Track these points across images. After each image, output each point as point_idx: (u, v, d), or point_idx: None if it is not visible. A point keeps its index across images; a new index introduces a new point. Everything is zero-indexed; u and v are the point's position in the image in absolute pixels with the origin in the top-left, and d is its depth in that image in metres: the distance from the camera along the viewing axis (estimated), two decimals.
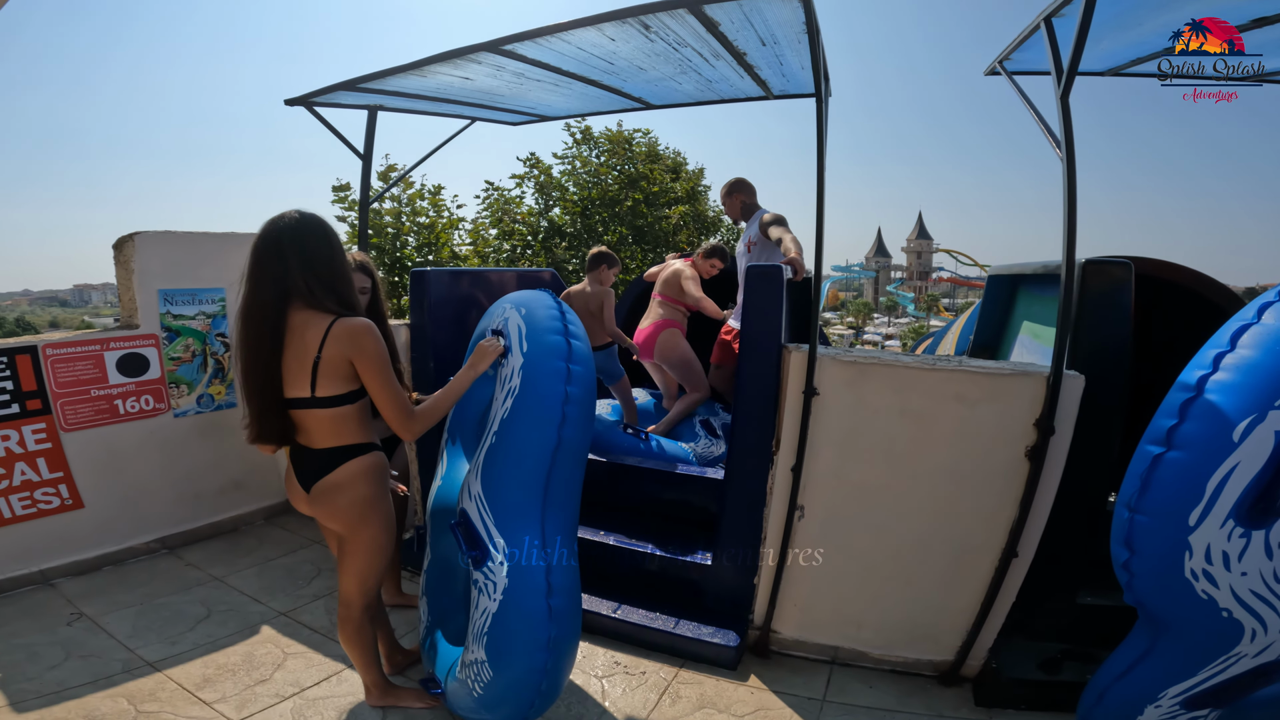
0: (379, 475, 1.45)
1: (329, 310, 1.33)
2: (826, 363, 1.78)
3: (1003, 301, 2.81)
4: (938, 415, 1.70)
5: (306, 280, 1.31)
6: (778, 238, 2.42)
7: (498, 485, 1.47)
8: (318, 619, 2.24)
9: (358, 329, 1.32)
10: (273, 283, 1.31)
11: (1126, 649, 1.42)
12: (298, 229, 1.33)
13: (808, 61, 2.24)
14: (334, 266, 1.35)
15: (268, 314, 1.31)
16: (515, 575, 1.42)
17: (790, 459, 1.86)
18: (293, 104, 2.59)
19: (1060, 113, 1.54)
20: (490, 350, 1.55)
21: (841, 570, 1.95)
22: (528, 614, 1.41)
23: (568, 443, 1.47)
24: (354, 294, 1.40)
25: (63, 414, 2.44)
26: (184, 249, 2.72)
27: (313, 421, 1.38)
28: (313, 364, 1.31)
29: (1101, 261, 1.67)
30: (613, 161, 8.32)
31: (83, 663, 1.90)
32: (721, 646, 2.01)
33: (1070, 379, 1.60)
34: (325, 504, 1.42)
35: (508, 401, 1.49)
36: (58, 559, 2.45)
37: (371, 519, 1.45)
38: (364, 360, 1.33)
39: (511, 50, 2.00)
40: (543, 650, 1.42)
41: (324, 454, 1.40)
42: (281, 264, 1.31)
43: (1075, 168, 1.51)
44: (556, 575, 1.46)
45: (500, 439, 1.49)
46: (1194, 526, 1.18)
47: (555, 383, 1.47)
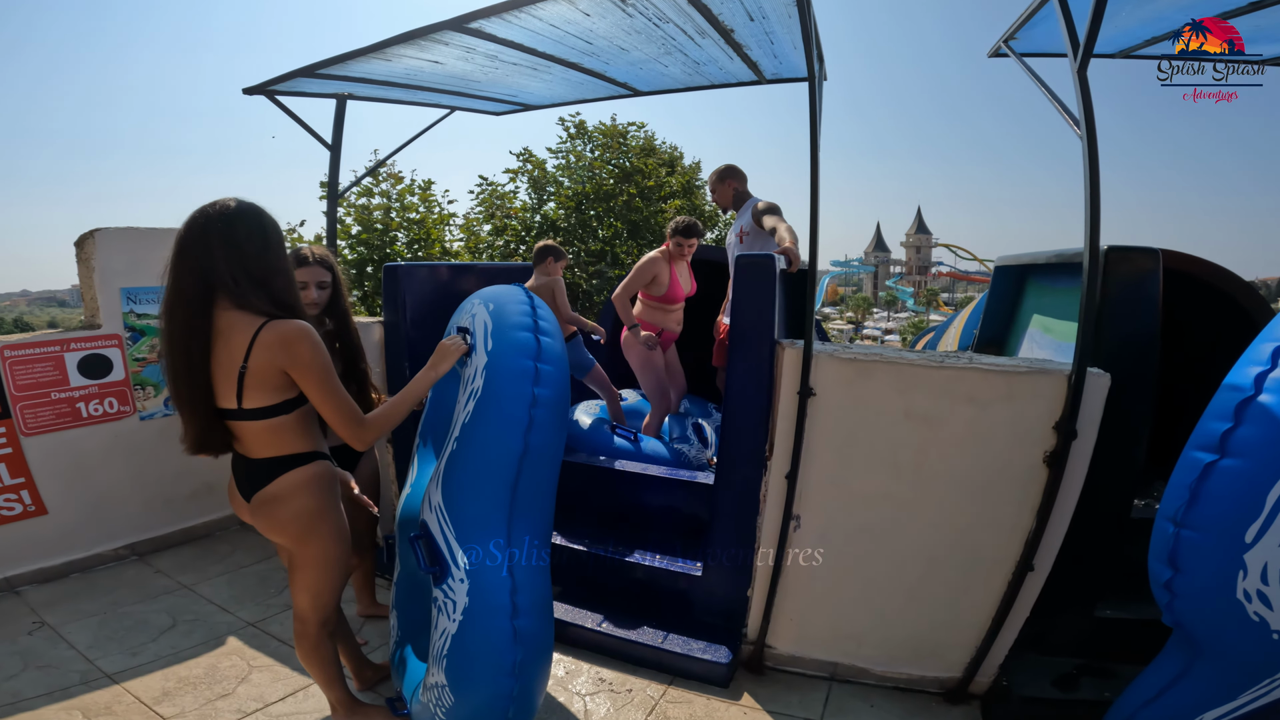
0: (323, 486, 1.33)
1: (258, 311, 1.19)
2: (824, 360, 1.64)
3: (1010, 294, 2.66)
4: (947, 417, 1.57)
5: (234, 274, 1.17)
6: (772, 227, 2.28)
7: (459, 496, 1.35)
8: (287, 630, 2.15)
9: (290, 334, 1.17)
10: (196, 276, 1.16)
11: (1157, 671, 1.30)
12: (227, 216, 1.19)
13: (799, 40, 2.10)
14: (267, 260, 1.21)
15: (192, 311, 1.16)
16: (477, 594, 1.31)
17: (785, 465, 1.72)
18: (251, 93, 2.44)
19: (1078, 89, 1.41)
20: (452, 350, 1.43)
21: (841, 583, 1.83)
22: (490, 636, 1.30)
23: (536, 449, 1.35)
24: (293, 293, 1.25)
25: (22, 418, 2.34)
26: (148, 245, 2.59)
27: (246, 432, 1.26)
28: (239, 374, 1.18)
29: (1126, 249, 1.52)
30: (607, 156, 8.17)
31: (40, 673, 1.85)
32: (712, 663, 1.89)
33: (1095, 377, 1.45)
34: (265, 516, 1.31)
35: (470, 404, 1.38)
36: (22, 566, 2.38)
37: (317, 532, 1.33)
38: (299, 369, 1.19)
39: (478, 29, 1.86)
40: (507, 676, 1.31)
41: (262, 464, 1.28)
42: (206, 255, 1.16)
43: (1097, 147, 1.37)
44: (523, 594, 1.34)
45: (462, 445, 1.37)
46: (1251, 543, 1.07)
47: (521, 384, 1.35)
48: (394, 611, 1.81)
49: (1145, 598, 1.75)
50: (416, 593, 1.78)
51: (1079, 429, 1.46)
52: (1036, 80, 1.78)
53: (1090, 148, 1.36)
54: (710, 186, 2.76)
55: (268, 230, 1.23)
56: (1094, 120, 1.37)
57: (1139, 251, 1.53)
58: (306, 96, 2.61)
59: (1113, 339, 1.52)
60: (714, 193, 2.75)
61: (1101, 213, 1.38)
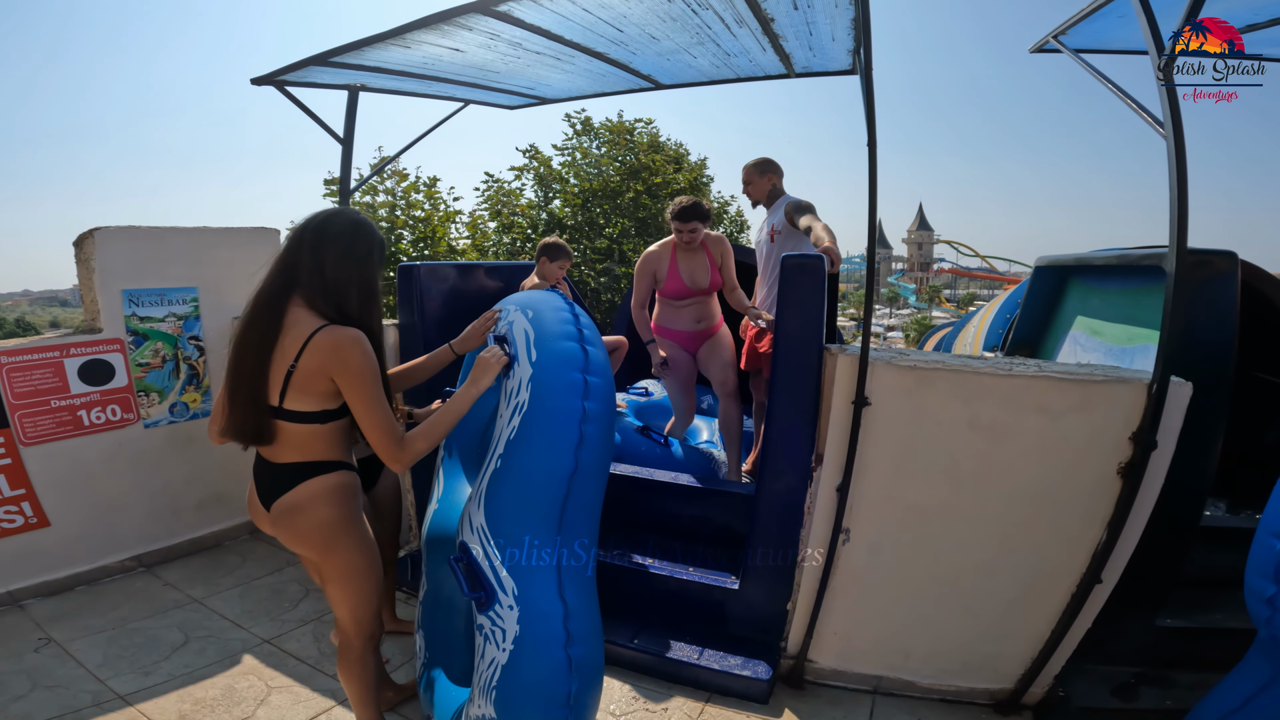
0: (345, 496, 1.28)
1: (321, 314, 1.19)
2: (880, 368, 1.55)
3: (1049, 295, 2.58)
4: (1014, 428, 1.49)
5: (310, 271, 1.19)
6: (807, 226, 2.17)
7: (505, 518, 1.27)
8: (305, 648, 2.06)
9: (342, 340, 1.16)
10: (281, 268, 1.21)
11: (1242, 679, 1.24)
12: (326, 217, 1.23)
13: (840, 30, 2.00)
14: (348, 267, 1.21)
15: (271, 301, 1.19)
16: (528, 622, 1.23)
17: (835, 477, 1.64)
18: (260, 83, 2.32)
19: (1163, 89, 1.33)
20: (494, 363, 1.35)
21: (891, 596, 1.75)
22: (544, 667, 1.22)
23: (585, 467, 1.27)
24: (366, 308, 1.24)
25: (21, 427, 2.24)
26: (150, 245, 2.48)
27: (279, 432, 1.23)
28: (286, 372, 1.17)
29: (1205, 252, 1.45)
30: (614, 152, 8.05)
31: (49, 694, 1.78)
32: (752, 679, 1.82)
33: (1177, 386, 1.38)
34: (286, 526, 1.27)
35: (515, 419, 1.29)
36: (26, 579, 2.29)
37: (340, 544, 1.29)
38: (347, 376, 1.16)
39: (507, 12, 1.75)
40: (562, 708, 1.23)
41: (283, 470, 1.24)
42: (295, 250, 1.21)
43: (1184, 149, 1.29)
44: (576, 620, 1.26)
45: (507, 463, 1.28)
46: None
47: (571, 398, 1.27)
48: (420, 632, 1.73)
49: (1206, 606, 1.72)
50: (446, 613, 1.70)
51: (1159, 439, 1.38)
52: (1101, 78, 1.69)
53: (1178, 149, 1.28)
54: (746, 178, 2.53)
55: (359, 239, 1.23)
56: (1181, 121, 1.29)
57: (1217, 255, 1.45)
58: (318, 87, 2.49)
59: (1189, 345, 1.45)
60: (749, 185, 2.51)
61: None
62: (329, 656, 2.00)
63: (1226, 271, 1.45)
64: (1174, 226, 1.30)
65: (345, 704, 1.76)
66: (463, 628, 1.69)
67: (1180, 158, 1.29)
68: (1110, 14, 1.73)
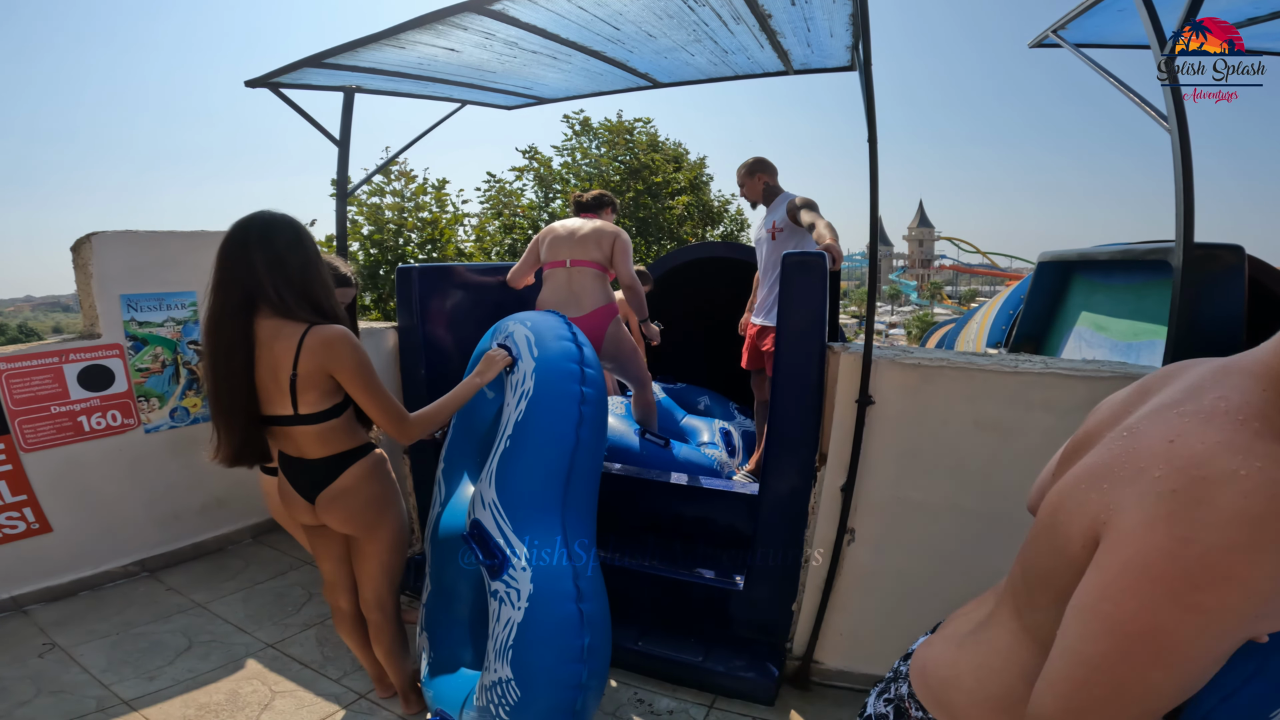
0: (385, 471, 1.42)
1: (300, 319, 1.23)
2: (884, 366, 1.54)
3: (1052, 290, 2.56)
4: (1021, 426, 1.47)
5: (275, 285, 1.21)
6: (809, 223, 2.16)
7: (515, 488, 1.38)
8: (308, 652, 2.06)
9: (331, 339, 1.22)
10: (238, 288, 1.21)
11: (1231, 669, 1.22)
12: (266, 229, 1.23)
13: (838, 27, 1.98)
14: (307, 270, 1.25)
15: (235, 322, 1.21)
16: (541, 579, 1.30)
17: (840, 477, 1.62)
18: (254, 85, 2.30)
19: (1168, 83, 1.32)
20: (498, 359, 1.49)
21: (897, 596, 1.74)
22: (558, 620, 1.28)
23: (585, 444, 1.41)
24: (332, 300, 1.30)
25: (21, 433, 2.24)
26: (148, 250, 2.47)
27: (303, 436, 1.31)
28: (290, 380, 1.21)
29: (1211, 246, 1.43)
30: (613, 152, 8.04)
31: (54, 699, 1.78)
32: (757, 681, 1.81)
33: None
34: (337, 510, 1.36)
35: (521, 405, 1.43)
36: (29, 585, 2.30)
37: (387, 515, 1.42)
38: (344, 371, 1.24)
39: (502, 11, 1.74)
40: (577, 661, 1.27)
41: (323, 463, 1.34)
42: (248, 267, 1.21)
43: (1189, 143, 1.27)
44: (584, 580, 1.33)
45: (515, 441, 1.42)
46: None
47: (570, 383, 1.43)
48: (424, 633, 1.73)
49: None
50: (450, 611, 1.72)
51: None
52: (1103, 73, 1.67)
53: (1182, 143, 1.26)
54: (738, 180, 2.59)
55: (304, 241, 1.26)
56: (1185, 114, 1.28)
57: (1224, 248, 1.43)
58: (312, 89, 2.48)
59: (1196, 338, 1.43)
60: (742, 187, 2.56)
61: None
62: (333, 661, 2.00)
63: (1234, 265, 1.43)
64: (1180, 220, 1.28)
65: (350, 708, 1.76)
66: (468, 619, 1.72)
67: (1185, 151, 1.27)
68: (1109, 8, 1.71)
